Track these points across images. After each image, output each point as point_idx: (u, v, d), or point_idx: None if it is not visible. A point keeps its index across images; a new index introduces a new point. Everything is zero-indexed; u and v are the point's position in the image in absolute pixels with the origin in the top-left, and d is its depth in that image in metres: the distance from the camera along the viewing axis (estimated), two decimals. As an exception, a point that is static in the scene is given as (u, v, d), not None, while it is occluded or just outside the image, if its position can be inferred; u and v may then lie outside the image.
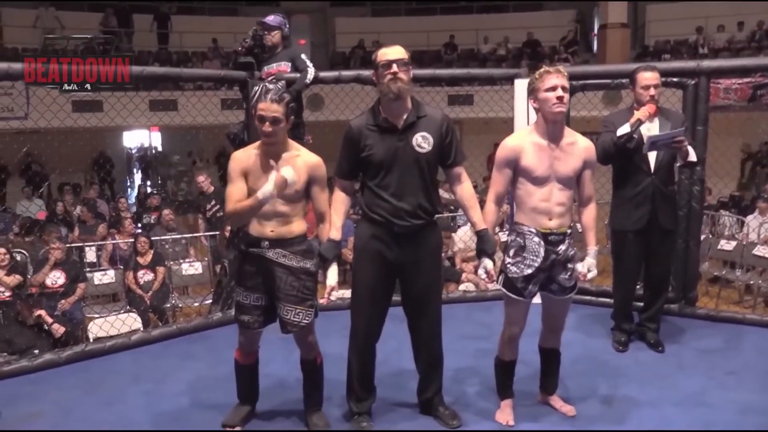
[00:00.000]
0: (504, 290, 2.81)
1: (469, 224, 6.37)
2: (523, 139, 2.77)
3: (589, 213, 2.88)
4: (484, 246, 2.76)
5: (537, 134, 2.76)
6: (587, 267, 2.81)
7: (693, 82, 4.10)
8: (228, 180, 2.73)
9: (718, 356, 3.66)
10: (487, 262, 2.74)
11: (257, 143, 2.75)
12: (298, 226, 2.74)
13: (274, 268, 2.70)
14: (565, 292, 2.81)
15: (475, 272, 2.90)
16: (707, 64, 4.14)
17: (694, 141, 3.90)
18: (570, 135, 2.78)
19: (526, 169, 2.73)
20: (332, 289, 2.76)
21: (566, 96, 2.68)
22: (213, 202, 7.30)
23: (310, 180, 2.72)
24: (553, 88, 2.65)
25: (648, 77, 3.55)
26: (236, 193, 2.68)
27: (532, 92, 2.73)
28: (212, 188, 7.60)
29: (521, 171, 2.75)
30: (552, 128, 2.72)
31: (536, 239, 2.73)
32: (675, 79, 4.14)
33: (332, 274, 2.76)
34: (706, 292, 6.40)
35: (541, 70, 2.72)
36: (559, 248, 2.75)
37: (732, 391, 3.21)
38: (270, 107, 2.60)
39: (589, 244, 2.87)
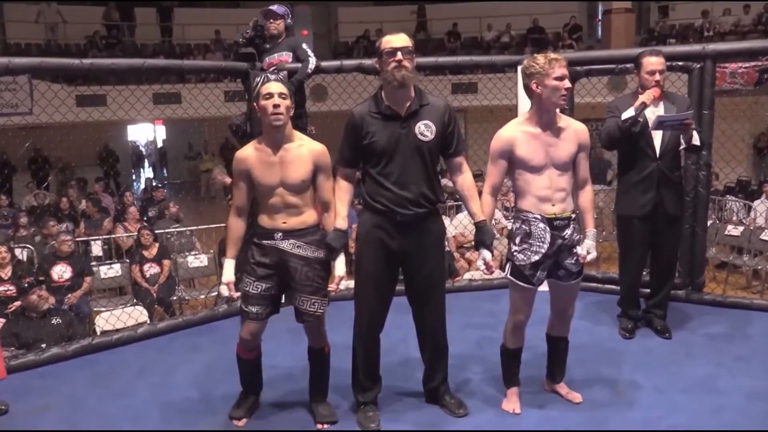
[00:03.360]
0: (511, 278, 2.79)
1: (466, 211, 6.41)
2: (516, 130, 2.76)
3: (586, 195, 2.88)
4: (482, 237, 2.75)
5: (530, 123, 2.75)
6: (586, 249, 2.80)
7: (698, 65, 4.05)
8: (233, 182, 2.81)
9: (725, 342, 3.64)
10: (486, 254, 2.75)
11: (257, 139, 2.75)
12: (310, 216, 2.74)
13: (289, 258, 2.70)
14: (572, 277, 2.81)
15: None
16: (713, 47, 4.08)
17: (700, 126, 3.86)
18: (562, 120, 2.78)
19: (522, 159, 2.72)
20: (341, 279, 2.76)
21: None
22: (229, 196, 7.32)
23: (315, 169, 2.72)
24: (562, 78, 2.64)
25: (653, 62, 3.51)
26: (237, 198, 2.79)
27: (536, 76, 2.67)
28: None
29: (517, 161, 2.74)
30: (547, 116, 2.72)
31: (542, 225, 2.72)
32: (680, 63, 4.09)
33: (340, 263, 2.76)
34: (713, 278, 6.38)
35: (550, 56, 2.68)
36: (564, 233, 2.74)
37: (740, 377, 3.20)
38: (274, 84, 2.65)
39: (587, 226, 2.86)
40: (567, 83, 2.66)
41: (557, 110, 2.73)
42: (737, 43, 6.23)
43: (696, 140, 3.51)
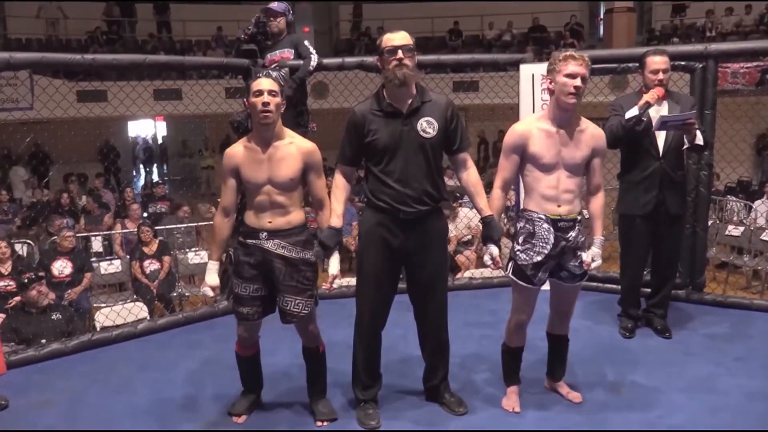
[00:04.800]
0: (513, 278, 2.78)
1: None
2: (531, 125, 2.74)
3: (598, 201, 2.85)
4: (490, 232, 2.74)
5: (546, 120, 2.72)
6: (591, 256, 2.78)
7: (701, 65, 4.05)
8: (222, 179, 2.78)
9: (725, 342, 3.64)
10: (493, 249, 2.72)
11: (248, 136, 2.74)
12: (296, 216, 2.71)
13: (273, 259, 2.68)
14: (575, 279, 2.79)
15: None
16: (715, 47, 4.08)
17: (702, 125, 3.85)
18: (581, 122, 2.73)
19: (533, 156, 2.70)
20: (334, 278, 2.75)
21: (583, 87, 2.62)
22: None
23: (305, 167, 2.70)
24: (573, 76, 2.60)
25: (657, 61, 3.50)
26: (225, 197, 2.76)
27: (551, 73, 2.66)
28: None
29: (529, 157, 2.72)
30: (562, 115, 2.68)
31: (546, 225, 2.70)
32: (682, 63, 4.09)
33: (334, 262, 2.74)
34: (714, 278, 6.38)
35: (567, 53, 2.65)
36: (569, 235, 2.72)
37: (739, 376, 3.20)
38: (264, 81, 2.62)
39: (595, 233, 2.84)
40: (576, 81, 2.59)
41: (572, 110, 2.67)
42: (739, 44, 6.23)
43: (699, 140, 3.50)
